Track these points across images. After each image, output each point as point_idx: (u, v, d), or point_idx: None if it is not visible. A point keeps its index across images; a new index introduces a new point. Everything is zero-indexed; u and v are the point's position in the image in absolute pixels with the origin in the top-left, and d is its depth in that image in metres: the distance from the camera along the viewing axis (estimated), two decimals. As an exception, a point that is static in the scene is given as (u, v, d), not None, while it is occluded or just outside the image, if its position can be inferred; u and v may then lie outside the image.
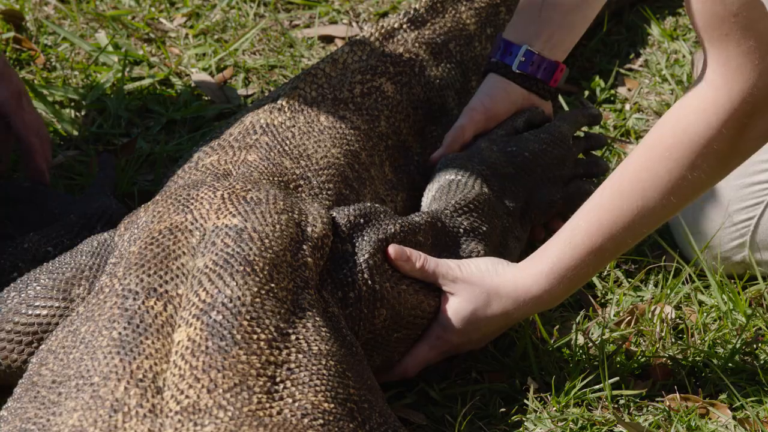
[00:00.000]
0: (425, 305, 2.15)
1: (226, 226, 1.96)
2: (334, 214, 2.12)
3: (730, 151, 1.99)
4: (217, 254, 1.90)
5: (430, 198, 2.36)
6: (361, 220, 2.12)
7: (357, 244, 2.10)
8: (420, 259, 2.14)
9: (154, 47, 3.02)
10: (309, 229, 2.04)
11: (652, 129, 2.04)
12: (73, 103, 2.83)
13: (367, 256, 2.08)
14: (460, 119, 2.47)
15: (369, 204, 2.16)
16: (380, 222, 2.14)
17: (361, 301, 2.06)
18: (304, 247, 2.00)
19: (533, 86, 2.48)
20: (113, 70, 2.90)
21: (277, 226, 1.99)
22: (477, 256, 2.26)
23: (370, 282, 2.07)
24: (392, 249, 2.12)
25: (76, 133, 2.76)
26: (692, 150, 1.99)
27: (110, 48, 2.98)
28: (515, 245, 2.39)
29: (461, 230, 2.27)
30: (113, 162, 2.51)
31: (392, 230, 2.14)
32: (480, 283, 2.15)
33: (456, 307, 2.16)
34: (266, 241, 1.95)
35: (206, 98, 2.87)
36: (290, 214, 2.03)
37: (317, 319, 1.91)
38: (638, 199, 2.04)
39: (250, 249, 1.92)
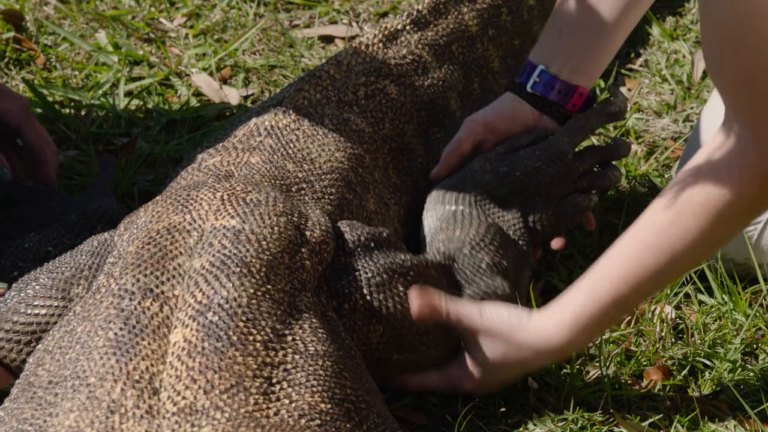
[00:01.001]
0: (433, 336, 2.13)
1: (224, 227, 1.95)
2: (345, 229, 2.10)
3: (761, 205, 1.97)
4: (214, 255, 1.90)
5: (434, 228, 2.30)
6: (372, 243, 2.09)
7: (362, 262, 2.07)
8: (443, 308, 2.10)
9: (154, 47, 3.02)
10: (308, 233, 2.03)
11: (679, 182, 1.99)
12: (73, 103, 2.83)
13: (370, 274, 2.06)
14: (459, 131, 2.41)
15: (387, 232, 2.13)
16: (394, 252, 2.10)
17: (355, 314, 2.05)
18: (303, 250, 2.00)
19: (545, 107, 2.41)
20: (113, 70, 2.90)
21: (276, 228, 1.99)
22: (500, 291, 2.21)
23: (368, 297, 2.05)
24: (417, 299, 2.08)
25: (76, 133, 2.76)
26: (724, 206, 1.95)
27: (110, 48, 2.98)
28: (528, 273, 2.34)
29: (483, 266, 2.22)
30: (114, 162, 2.52)
31: (406, 263, 2.10)
32: (499, 333, 2.10)
33: (475, 357, 2.13)
34: (264, 243, 1.95)
35: (206, 98, 2.87)
36: (289, 216, 2.03)
37: (314, 320, 1.90)
38: (666, 254, 2.00)
39: (247, 250, 1.92)
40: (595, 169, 2.44)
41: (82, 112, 2.81)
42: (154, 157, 2.69)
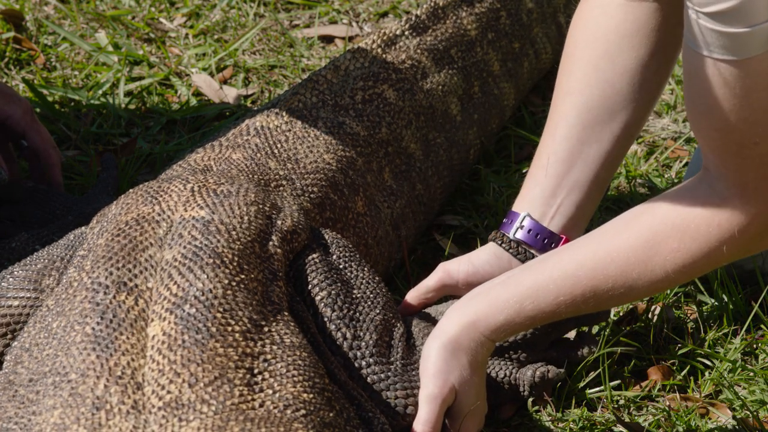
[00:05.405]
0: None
1: (193, 218, 1.96)
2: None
3: (736, 254, 1.94)
4: (185, 247, 1.90)
5: None
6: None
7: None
8: None
9: (154, 47, 3.02)
10: (279, 222, 2.04)
11: (656, 235, 1.94)
12: (73, 103, 2.83)
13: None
14: (431, 277, 2.25)
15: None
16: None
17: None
18: (273, 238, 2.00)
19: (528, 257, 2.22)
20: (113, 70, 2.90)
21: (245, 218, 1.99)
22: None
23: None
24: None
25: (76, 133, 2.76)
26: (700, 256, 1.93)
27: (110, 48, 2.99)
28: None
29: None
30: (116, 162, 2.52)
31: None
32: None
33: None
34: (233, 233, 1.95)
35: (206, 98, 2.87)
36: (260, 206, 2.03)
37: (285, 313, 1.91)
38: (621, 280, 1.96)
39: (218, 241, 1.92)
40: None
41: (82, 112, 2.81)
42: (154, 157, 2.69)
